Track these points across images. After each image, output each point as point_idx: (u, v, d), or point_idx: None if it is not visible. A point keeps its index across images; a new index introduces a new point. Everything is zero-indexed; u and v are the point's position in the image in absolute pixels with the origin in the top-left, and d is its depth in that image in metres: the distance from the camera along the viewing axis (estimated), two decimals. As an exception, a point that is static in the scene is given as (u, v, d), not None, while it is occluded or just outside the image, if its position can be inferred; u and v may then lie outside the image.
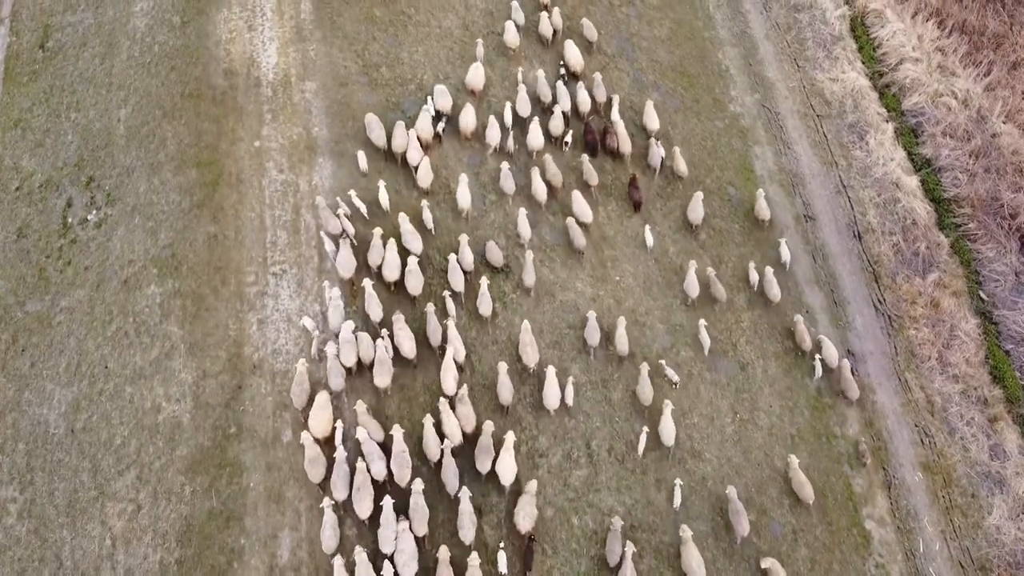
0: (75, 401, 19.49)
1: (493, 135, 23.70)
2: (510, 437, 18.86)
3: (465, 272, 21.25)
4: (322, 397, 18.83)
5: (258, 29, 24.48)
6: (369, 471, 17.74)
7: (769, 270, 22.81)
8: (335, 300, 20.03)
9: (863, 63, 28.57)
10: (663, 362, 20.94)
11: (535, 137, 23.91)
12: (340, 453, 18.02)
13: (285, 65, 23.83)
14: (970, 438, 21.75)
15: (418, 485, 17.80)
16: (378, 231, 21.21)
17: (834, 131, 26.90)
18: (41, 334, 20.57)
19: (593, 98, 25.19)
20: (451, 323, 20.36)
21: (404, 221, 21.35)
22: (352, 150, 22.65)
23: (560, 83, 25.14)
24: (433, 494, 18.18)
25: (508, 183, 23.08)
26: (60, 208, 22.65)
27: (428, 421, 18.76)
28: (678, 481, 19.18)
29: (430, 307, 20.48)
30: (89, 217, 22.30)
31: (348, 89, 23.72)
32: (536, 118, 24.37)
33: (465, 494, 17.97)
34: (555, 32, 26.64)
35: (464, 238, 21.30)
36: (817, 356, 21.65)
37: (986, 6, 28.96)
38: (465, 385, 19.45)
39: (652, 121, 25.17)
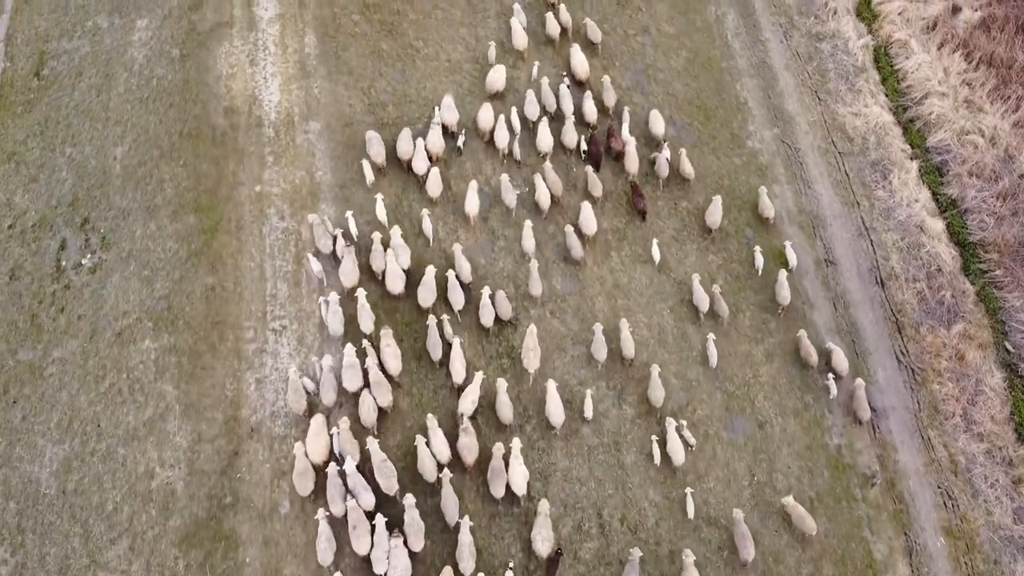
0: (67, 460, 18.74)
1: (501, 137, 23.31)
2: (516, 444, 18.63)
3: (464, 284, 20.88)
4: (317, 421, 18.31)
5: (260, 64, 23.52)
6: (360, 506, 17.47)
7: (783, 273, 22.58)
8: (334, 306, 19.63)
9: (887, 96, 27.56)
10: (682, 423, 20.16)
11: (544, 139, 23.51)
12: (333, 468, 17.75)
13: (288, 103, 22.88)
14: (994, 501, 20.93)
15: (410, 499, 17.57)
16: (378, 235, 20.86)
17: (856, 169, 25.94)
18: (33, 385, 19.81)
19: (603, 103, 24.92)
20: (456, 343, 19.93)
21: (395, 234, 20.90)
22: (358, 197, 21.75)
23: (564, 88, 24.73)
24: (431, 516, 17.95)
25: (509, 195, 22.59)
26: (54, 250, 21.85)
27: (421, 442, 18.32)
28: (689, 490, 19.10)
29: (432, 320, 20.01)
30: (83, 261, 21.49)
31: (353, 129, 22.79)
32: (545, 119, 23.87)
33: (465, 524, 17.49)
34: (564, 31, 26.26)
35: (458, 248, 20.91)
36: (830, 376, 21.35)
37: (1015, 38, 27.88)
38: (465, 415, 18.87)
39: (658, 126, 24.70)
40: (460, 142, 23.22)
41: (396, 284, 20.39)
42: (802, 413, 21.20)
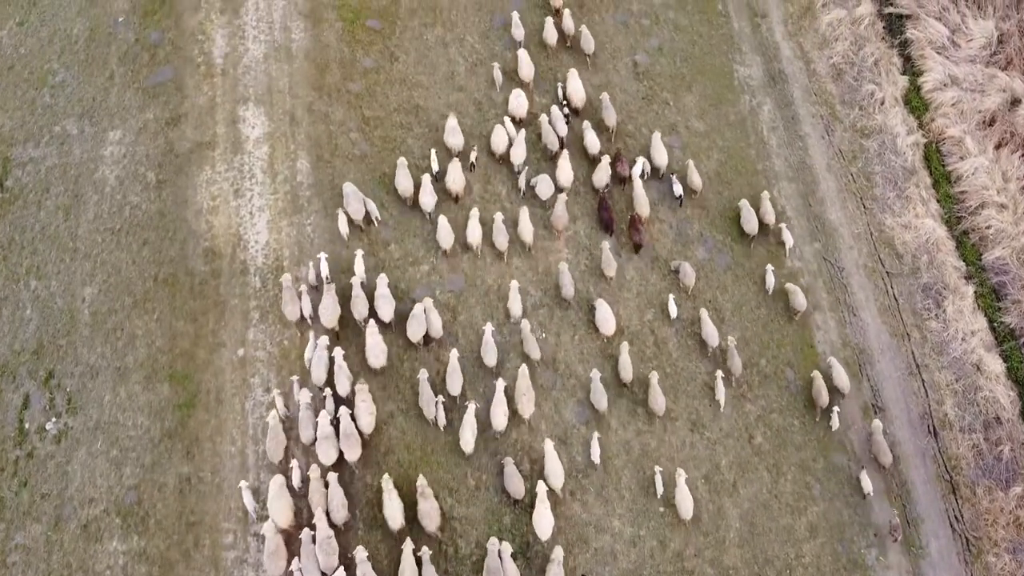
0: (28, 678, 16.62)
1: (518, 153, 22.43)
2: (542, 488, 18.08)
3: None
4: (276, 483, 17.30)
5: (246, 195, 20.86)
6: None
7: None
8: (320, 350, 18.80)
9: (939, 202, 24.98)
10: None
11: (564, 172, 22.47)
12: (306, 534, 16.99)
13: (277, 245, 20.30)
14: None
15: (361, 553, 17.00)
16: (357, 279, 19.77)
17: (906, 293, 23.48)
18: (-7, 573, 17.65)
19: (607, 128, 23.70)
20: (471, 410, 19.05)
21: (382, 283, 19.73)
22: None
23: (558, 112, 23.51)
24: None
25: (501, 237, 21.19)
26: (16, 407, 19.57)
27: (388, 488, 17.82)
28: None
29: (423, 374, 19.08)
30: (48, 426, 19.19)
31: (350, 276, 20.21)
32: (566, 151, 22.76)
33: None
34: (562, 37, 25.03)
35: (429, 302, 19.91)
36: (835, 409, 20.65)
37: (1082, 139, 25.23)
38: (422, 476, 17.96)
39: (660, 156, 23.21)
40: (473, 157, 22.27)
41: (378, 357, 19.18)
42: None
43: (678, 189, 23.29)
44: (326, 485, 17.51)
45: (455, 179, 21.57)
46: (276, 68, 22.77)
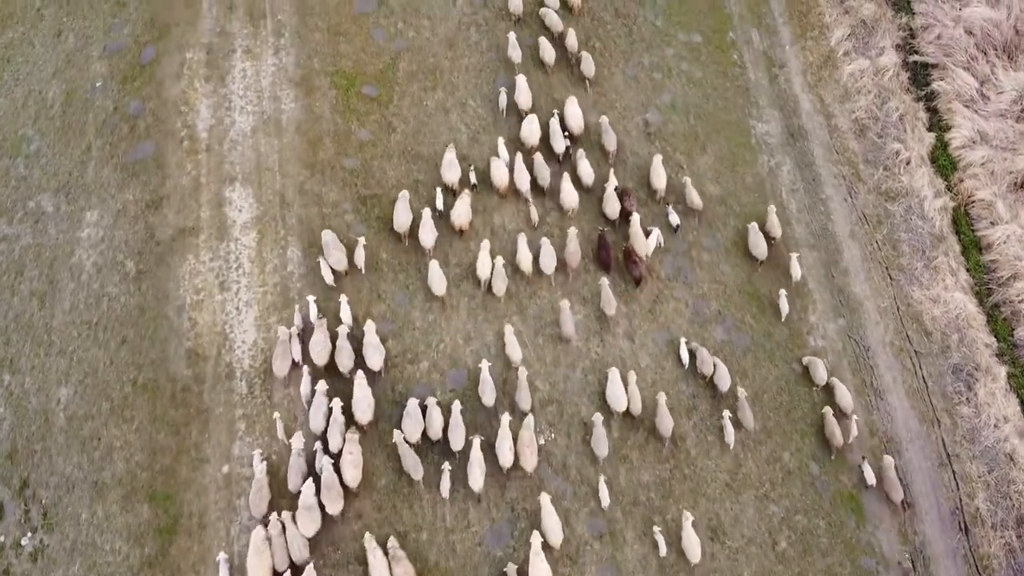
0: None
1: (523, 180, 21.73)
2: (536, 538, 17.34)
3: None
4: (258, 537, 16.49)
5: (232, 288, 19.39)
6: None
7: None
8: (319, 396, 18.08)
9: (968, 271, 23.62)
10: None
11: (569, 195, 21.74)
12: None
13: (265, 344, 18.86)
14: None
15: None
16: (344, 329, 18.85)
17: (936, 375, 22.18)
18: None
19: (607, 153, 23.03)
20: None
21: (370, 331, 18.77)
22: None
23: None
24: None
25: (499, 284, 20.30)
26: (-10, 518, 18.24)
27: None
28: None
29: (398, 435, 18.01)
30: (23, 542, 17.91)
31: (347, 380, 18.81)
32: (567, 173, 21.98)
33: None
34: (568, 54, 24.18)
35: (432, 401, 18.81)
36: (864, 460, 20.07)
37: (1121, 205, 23.84)
38: (392, 539, 17.03)
39: (659, 179, 22.36)
40: (472, 181, 21.59)
41: (365, 412, 18.13)
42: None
43: (675, 219, 22.40)
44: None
45: (461, 213, 20.76)
46: (265, 143, 21.25)
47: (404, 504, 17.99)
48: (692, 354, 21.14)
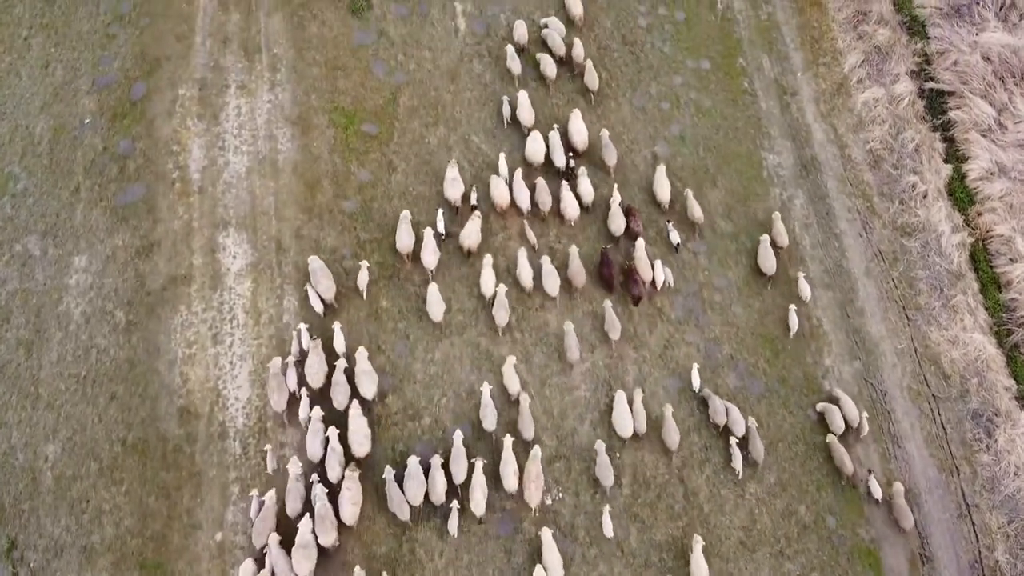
0: None
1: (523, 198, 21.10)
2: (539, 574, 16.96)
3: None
4: (247, 569, 16.25)
5: (225, 341, 18.60)
6: None
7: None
8: (316, 424, 17.58)
9: (987, 310, 22.91)
10: None
11: (571, 205, 21.20)
12: None
13: (260, 402, 18.10)
14: None
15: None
16: (341, 363, 18.27)
17: (955, 421, 21.50)
18: None
19: (607, 167, 22.43)
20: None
21: (362, 358, 18.14)
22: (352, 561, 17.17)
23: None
24: None
25: (501, 313, 19.54)
26: (-23, 583, 17.51)
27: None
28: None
29: (388, 472, 17.51)
30: (12, 611, 17.15)
31: (342, 413, 18.01)
32: (565, 183, 21.51)
33: None
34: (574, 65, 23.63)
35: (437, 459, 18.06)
36: (870, 475, 19.78)
37: None
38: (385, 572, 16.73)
39: (663, 191, 21.86)
40: (474, 200, 20.95)
41: (362, 444, 17.60)
42: None
43: (675, 237, 21.87)
44: None
45: (470, 233, 20.16)
46: (260, 185, 20.42)
47: (395, 542, 17.51)
48: (704, 402, 20.46)
